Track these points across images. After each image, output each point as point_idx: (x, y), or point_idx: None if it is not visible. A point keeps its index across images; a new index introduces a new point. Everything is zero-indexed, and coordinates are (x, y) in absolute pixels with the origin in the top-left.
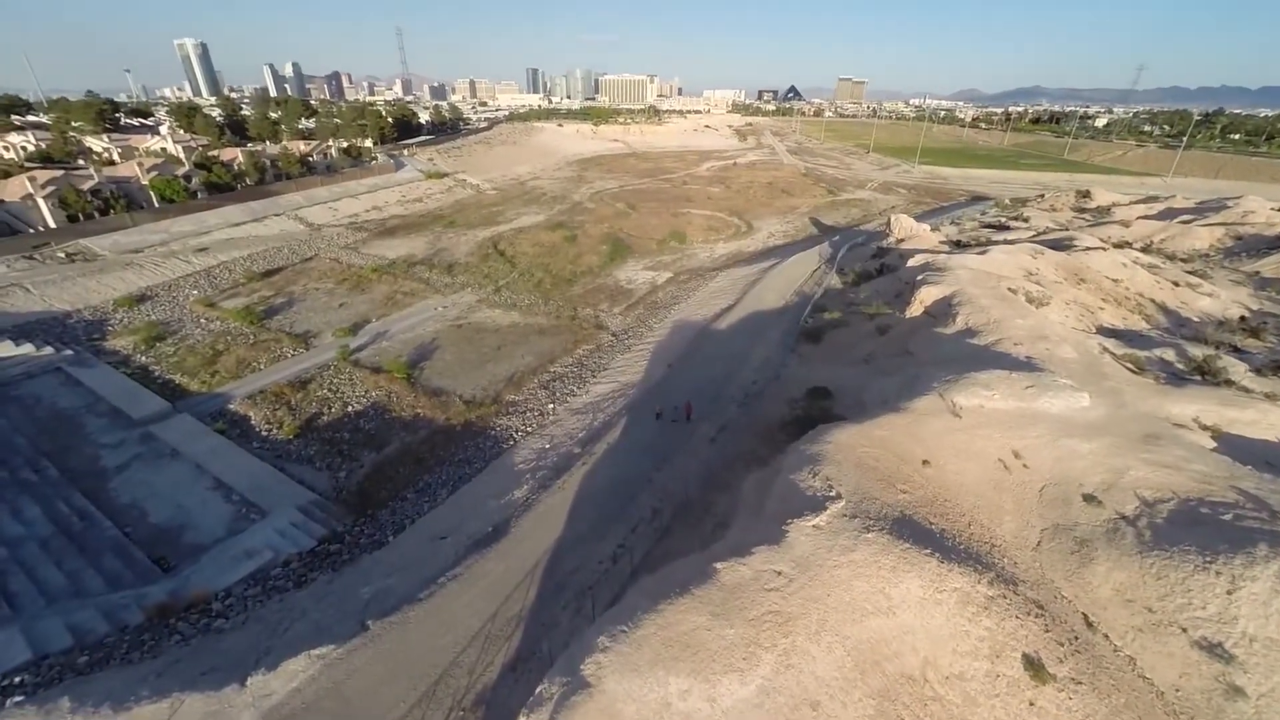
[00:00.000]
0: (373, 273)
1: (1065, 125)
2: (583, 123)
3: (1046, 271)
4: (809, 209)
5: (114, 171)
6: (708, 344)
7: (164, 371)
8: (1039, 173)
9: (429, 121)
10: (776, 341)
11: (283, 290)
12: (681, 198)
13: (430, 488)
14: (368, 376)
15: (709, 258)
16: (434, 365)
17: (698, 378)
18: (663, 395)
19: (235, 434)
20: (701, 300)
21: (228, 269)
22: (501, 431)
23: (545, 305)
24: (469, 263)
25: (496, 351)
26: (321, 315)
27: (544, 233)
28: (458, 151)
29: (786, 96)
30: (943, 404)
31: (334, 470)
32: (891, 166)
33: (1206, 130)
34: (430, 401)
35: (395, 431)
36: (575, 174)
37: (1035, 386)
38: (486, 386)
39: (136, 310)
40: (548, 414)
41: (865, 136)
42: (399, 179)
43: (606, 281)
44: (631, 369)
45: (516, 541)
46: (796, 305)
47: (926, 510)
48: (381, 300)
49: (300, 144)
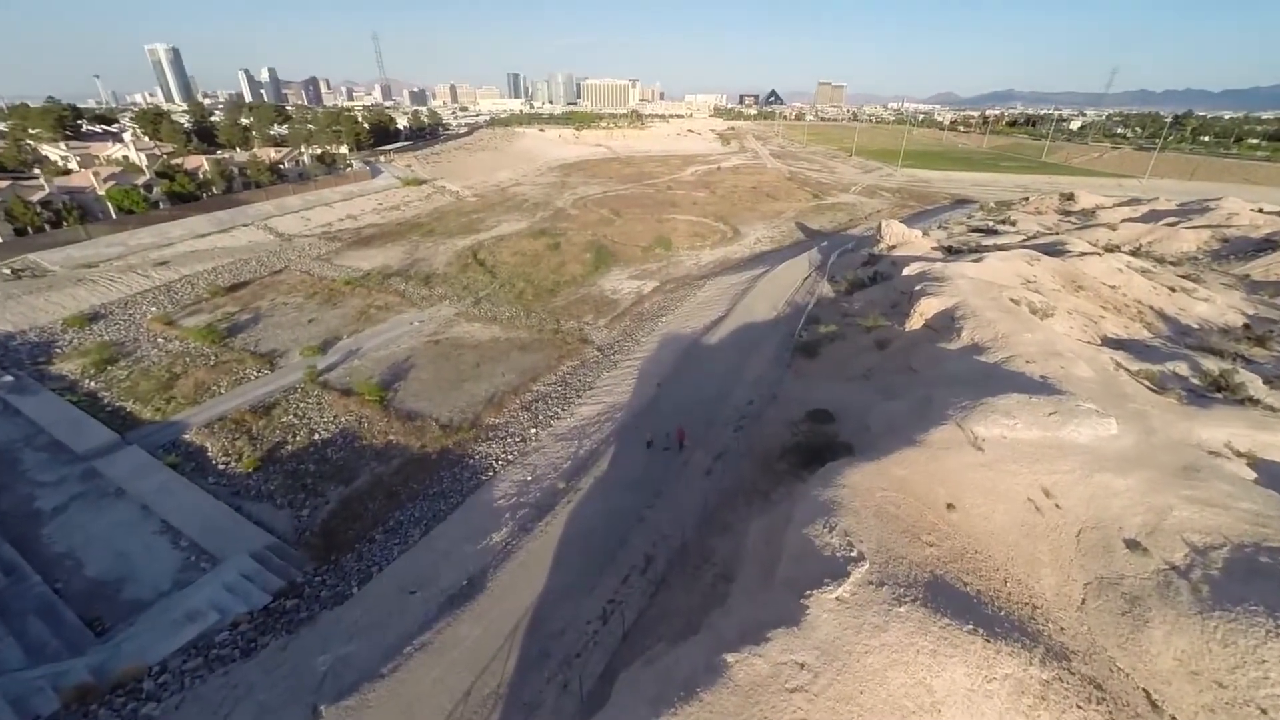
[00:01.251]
0: (345, 285)
1: (1041, 128)
2: (565, 127)
3: (1044, 279)
4: (795, 213)
5: (67, 181)
6: (699, 360)
7: (114, 398)
8: (1019, 175)
9: (407, 127)
10: (771, 356)
11: (249, 305)
12: (666, 203)
13: (402, 526)
14: (337, 400)
15: (696, 265)
16: (409, 386)
17: (689, 398)
18: (653, 418)
19: (189, 468)
20: (690, 311)
21: (190, 283)
22: (480, 460)
23: (527, 318)
24: (447, 273)
25: (475, 369)
26: (289, 332)
27: (526, 240)
28: (437, 157)
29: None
30: (962, 435)
31: (296, 508)
32: (874, 170)
33: (1178, 132)
34: (404, 427)
35: (365, 461)
36: (558, 179)
37: (1059, 413)
38: (465, 409)
39: (88, 330)
40: (530, 439)
41: (847, 140)
42: (375, 186)
43: (591, 291)
44: (619, 388)
45: (495, 598)
46: (789, 316)
47: (958, 567)
48: (354, 315)
49: (271, 151)
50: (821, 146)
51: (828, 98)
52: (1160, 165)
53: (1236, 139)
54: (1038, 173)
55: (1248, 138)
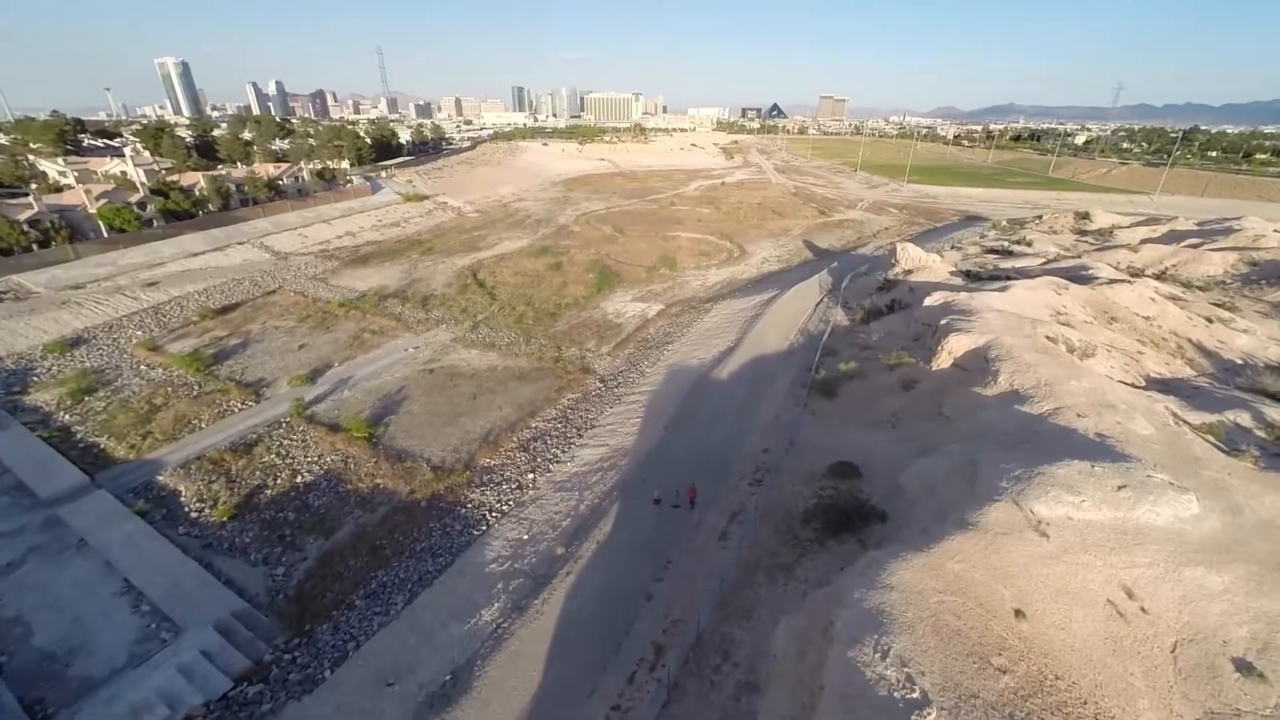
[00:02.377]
0: (339, 308)
1: (1045, 143)
2: (568, 141)
3: (1075, 310)
4: (801, 231)
5: (58, 199)
6: (708, 396)
7: (88, 433)
8: (1027, 191)
9: (410, 141)
10: (785, 393)
11: (239, 329)
12: (670, 219)
13: (385, 590)
14: (323, 436)
15: (702, 286)
16: (400, 421)
17: (699, 444)
18: (660, 468)
19: (159, 516)
20: (697, 340)
21: (179, 305)
22: (473, 510)
23: (526, 344)
24: (446, 294)
25: (471, 402)
26: (278, 359)
27: (527, 259)
28: (439, 172)
29: (769, 114)
30: (1019, 515)
31: (271, 564)
32: (880, 185)
33: (1185, 147)
34: (393, 469)
35: (349, 509)
36: (560, 194)
37: (1129, 487)
38: (458, 447)
39: (69, 356)
40: (527, 486)
41: (850, 154)
42: (375, 202)
43: (593, 314)
44: (622, 428)
45: (480, 701)
46: (803, 347)
47: (1039, 704)
48: (347, 340)
49: (270, 166)
50: (825, 161)
51: (829, 111)
52: (1171, 181)
53: (1245, 154)
54: (1045, 188)
55: (1256, 153)
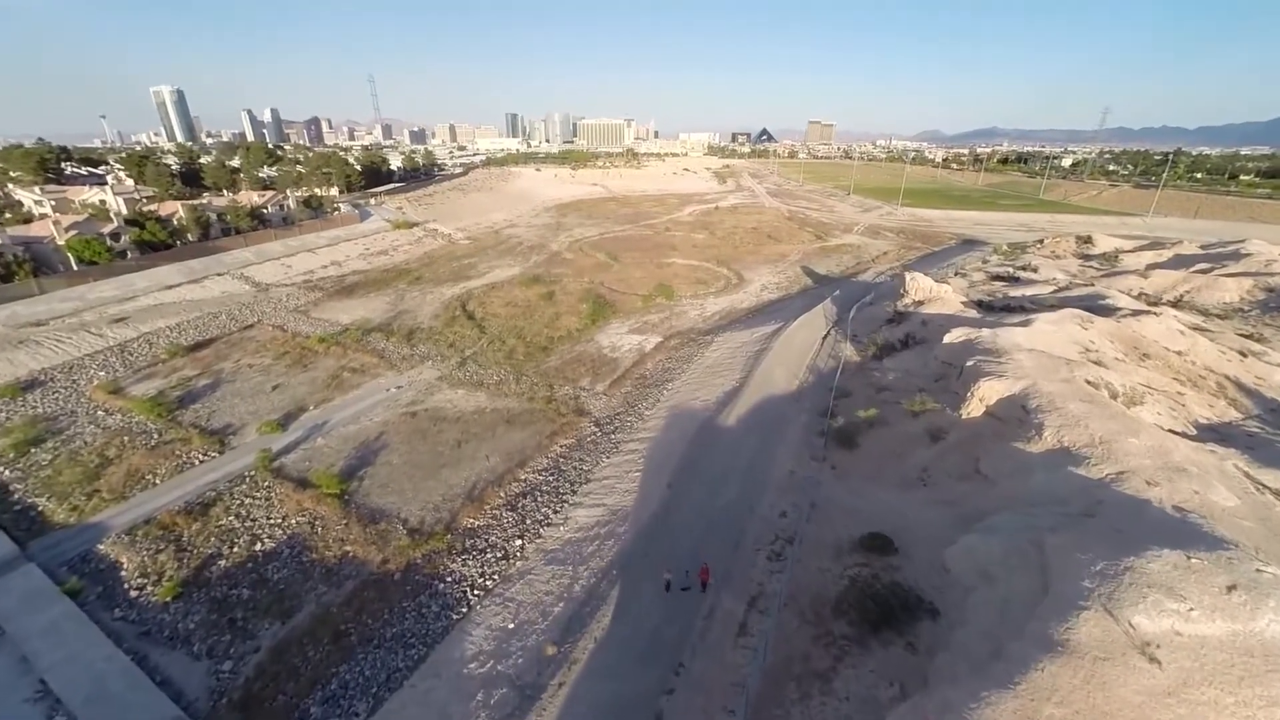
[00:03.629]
0: (319, 343)
1: (1032, 165)
2: (561, 167)
3: (1103, 345)
4: (799, 256)
5: (25, 231)
6: (715, 446)
7: (27, 492)
8: (1021, 213)
9: (401, 168)
10: (799, 442)
11: (210, 368)
12: (665, 245)
13: (346, 692)
14: (290, 494)
15: (700, 316)
16: (376, 474)
17: (708, 505)
18: (665, 538)
19: (94, 595)
20: (699, 378)
21: (148, 342)
22: (452, 585)
23: (517, 382)
24: (433, 327)
25: (456, 450)
26: (249, 402)
27: (518, 289)
28: (430, 199)
29: (759, 138)
30: (1117, 630)
31: (217, 657)
32: (874, 208)
33: (1171, 170)
34: (364, 533)
35: (312, 584)
36: (553, 220)
37: (1239, 588)
38: (439, 505)
39: (20, 401)
40: (514, 555)
41: (841, 177)
42: (363, 230)
43: (587, 348)
44: (621, 484)
45: None
46: (813, 387)
47: None
48: (324, 380)
49: (254, 194)
50: (817, 185)
51: (817, 135)
52: (1163, 203)
53: (1230, 176)
54: (1037, 210)
55: (1239, 174)
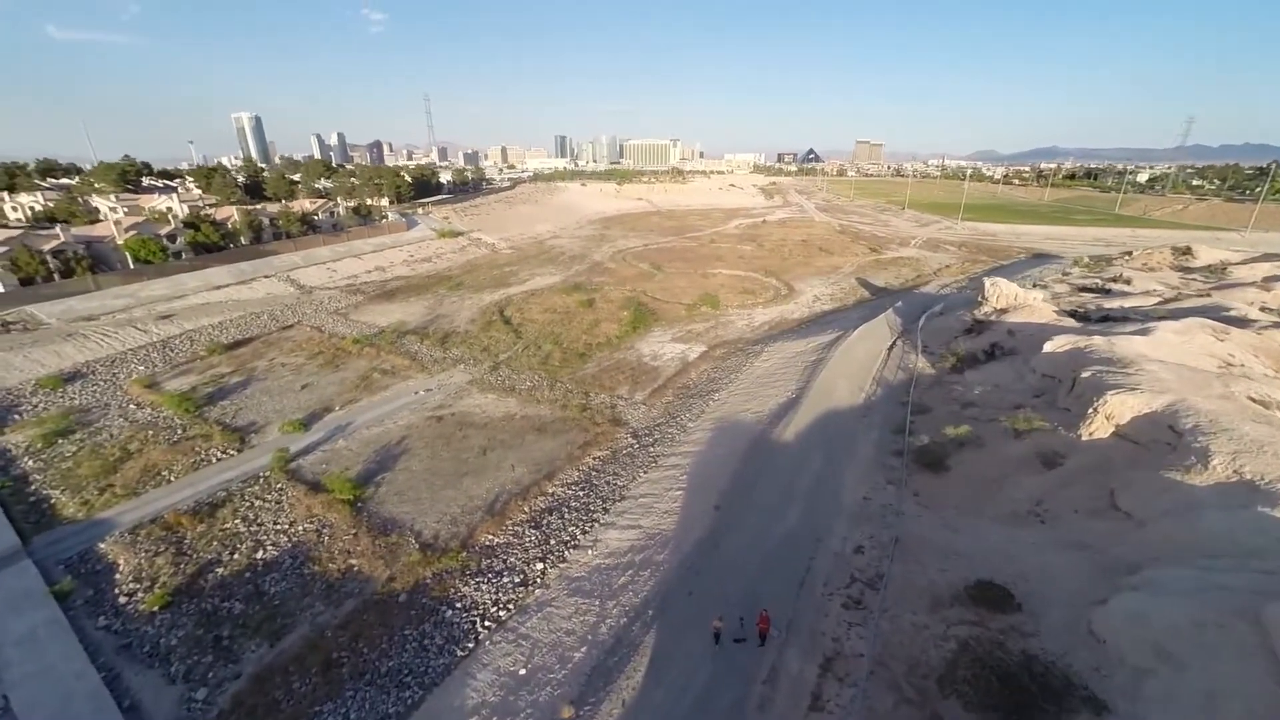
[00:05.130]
0: (354, 344)
1: (1103, 181)
2: (606, 182)
3: (1247, 359)
4: (853, 269)
5: (88, 230)
6: (770, 464)
7: (45, 483)
8: (1097, 228)
9: (450, 181)
10: (871, 463)
11: (244, 366)
12: (711, 256)
13: None
14: (301, 497)
15: (748, 326)
16: (394, 480)
17: (765, 535)
18: (713, 572)
19: (83, 599)
20: (749, 389)
21: (190, 339)
22: (461, 613)
23: (551, 389)
24: (468, 332)
25: (480, 458)
26: (276, 401)
27: (558, 296)
28: (475, 210)
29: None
30: None
31: (193, 682)
32: (931, 223)
33: (1267, 184)
34: (374, 544)
35: (310, 601)
36: (597, 232)
37: None
38: (457, 517)
39: (60, 393)
40: (533, 581)
41: (893, 194)
42: (409, 238)
43: (627, 356)
44: (660, 504)
45: None
46: (883, 401)
47: None
48: (354, 381)
49: (306, 202)
50: (869, 200)
51: (866, 155)
52: (1260, 217)
53: None
54: (1114, 225)
55: None
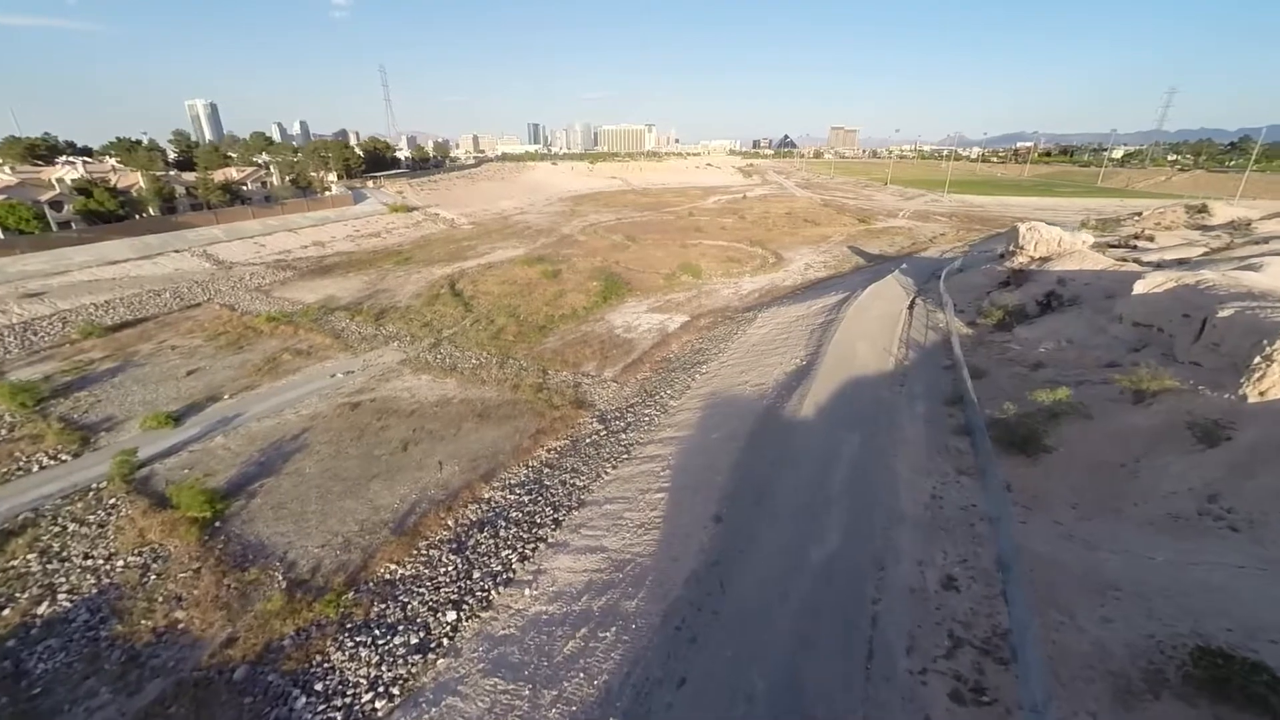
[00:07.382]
0: (267, 323)
1: (1079, 157)
2: (579, 161)
3: None
4: (843, 238)
5: None
6: (787, 452)
7: None
8: (1084, 199)
9: (409, 158)
10: (925, 443)
11: (122, 351)
12: (690, 228)
13: None
14: (137, 518)
15: (735, 294)
16: (276, 487)
17: (794, 561)
18: (717, 629)
19: None
20: (744, 358)
21: (62, 320)
22: (315, 705)
23: (500, 367)
24: (410, 306)
25: (400, 455)
26: (150, 390)
27: (519, 268)
28: (434, 185)
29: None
30: None
31: None
32: (916, 196)
33: (1242, 157)
34: (219, 584)
35: (95, 684)
36: (568, 209)
37: None
38: (351, 538)
39: None
40: (437, 644)
41: (873, 173)
42: (356, 212)
43: (595, 328)
44: (633, 513)
45: None
46: (917, 365)
47: None
48: (257, 364)
49: (232, 170)
50: (849, 178)
51: (841, 142)
52: (1248, 187)
53: None
54: (1100, 197)
55: None
